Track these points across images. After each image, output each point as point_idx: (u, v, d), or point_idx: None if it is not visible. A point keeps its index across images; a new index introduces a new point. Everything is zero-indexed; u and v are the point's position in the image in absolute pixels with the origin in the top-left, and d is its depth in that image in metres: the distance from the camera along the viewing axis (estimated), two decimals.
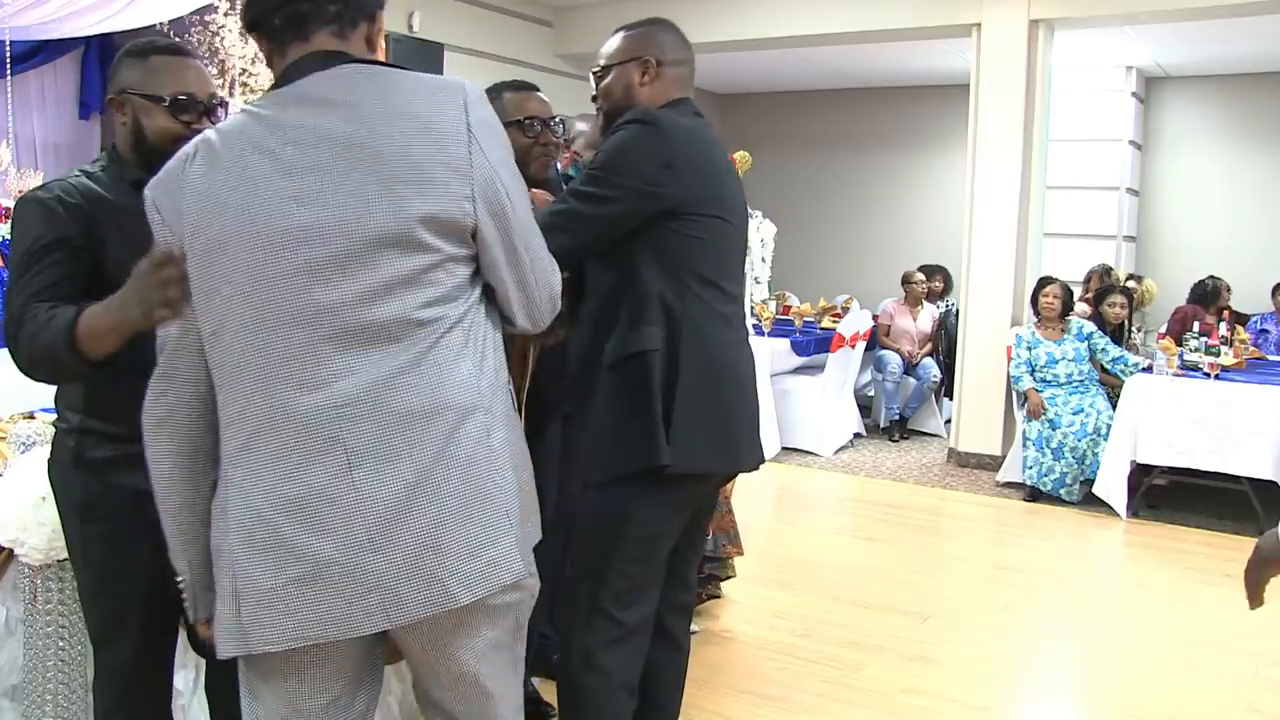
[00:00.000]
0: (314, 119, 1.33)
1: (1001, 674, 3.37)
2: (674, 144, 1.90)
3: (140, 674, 1.87)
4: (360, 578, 1.30)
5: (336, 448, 1.30)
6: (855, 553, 4.66)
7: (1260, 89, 8.07)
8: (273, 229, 1.31)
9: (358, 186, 1.30)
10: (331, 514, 1.30)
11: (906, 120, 9.30)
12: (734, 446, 2.01)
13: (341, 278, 1.30)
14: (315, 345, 1.31)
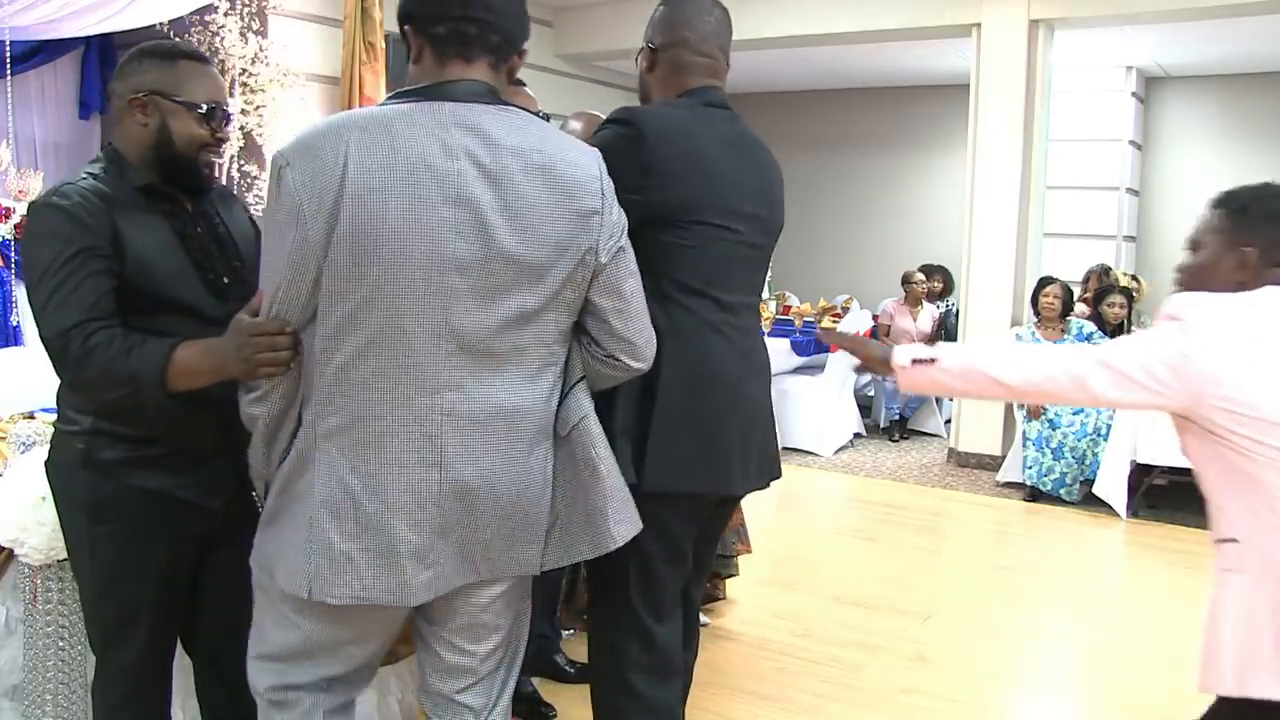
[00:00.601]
0: (480, 156, 1.43)
1: (1001, 674, 3.37)
2: (651, 148, 1.77)
3: (146, 674, 1.87)
4: (424, 556, 1.49)
5: (433, 446, 1.47)
6: (855, 553, 4.66)
7: (1260, 89, 8.06)
8: (426, 251, 1.41)
9: (507, 232, 1.44)
10: (413, 500, 1.47)
11: (906, 120, 9.30)
12: (720, 467, 1.88)
13: (476, 306, 1.45)
14: (439, 356, 1.45)
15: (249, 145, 5.11)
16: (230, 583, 1.91)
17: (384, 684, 2.51)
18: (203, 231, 1.83)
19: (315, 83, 5.55)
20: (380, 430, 1.46)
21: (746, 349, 1.95)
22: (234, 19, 5.02)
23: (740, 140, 1.93)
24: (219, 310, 1.75)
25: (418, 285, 1.42)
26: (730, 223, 1.86)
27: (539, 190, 1.46)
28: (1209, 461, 1.58)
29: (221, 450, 1.81)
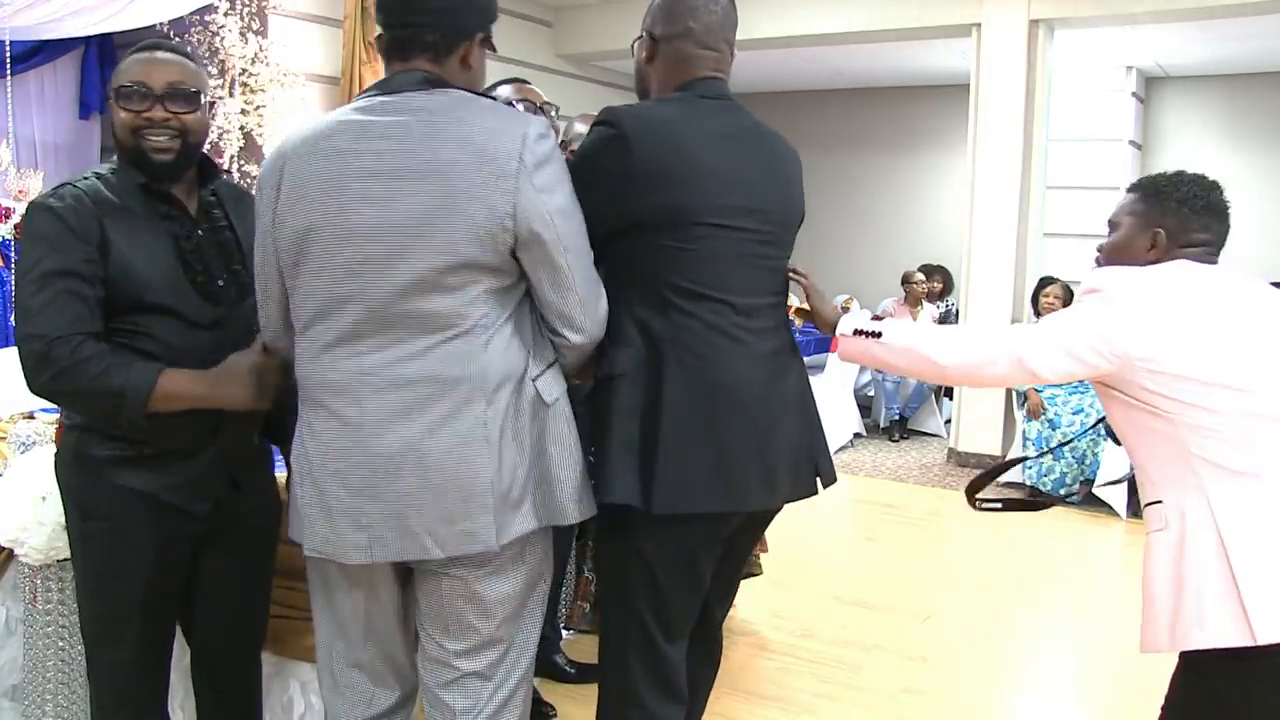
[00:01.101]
0: (397, 131, 1.54)
1: (1001, 674, 3.37)
2: (633, 148, 1.68)
3: (140, 673, 1.86)
4: (356, 516, 1.57)
5: (359, 410, 1.56)
6: (855, 553, 4.66)
7: (1260, 89, 8.06)
8: (344, 223, 1.54)
9: (416, 199, 1.52)
10: (343, 463, 1.57)
11: (906, 120, 9.30)
12: (734, 483, 1.73)
13: (386, 273, 1.53)
14: (358, 324, 1.55)
15: (249, 145, 5.11)
16: (224, 585, 1.91)
17: None
18: (203, 234, 1.81)
19: (315, 83, 5.54)
20: (322, 399, 1.59)
21: (766, 352, 1.80)
22: (234, 19, 5.02)
23: (740, 132, 1.82)
24: (208, 314, 1.76)
25: (334, 255, 1.55)
26: (731, 220, 1.75)
27: (451, 155, 1.52)
28: (1133, 427, 1.67)
29: (209, 454, 1.80)
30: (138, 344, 1.71)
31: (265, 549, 1.96)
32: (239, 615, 1.96)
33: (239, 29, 5.03)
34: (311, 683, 2.35)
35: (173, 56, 1.78)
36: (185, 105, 1.75)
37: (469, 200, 1.51)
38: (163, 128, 1.73)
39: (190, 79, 1.78)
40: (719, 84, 1.84)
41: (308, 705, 2.34)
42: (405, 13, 1.62)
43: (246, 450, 1.88)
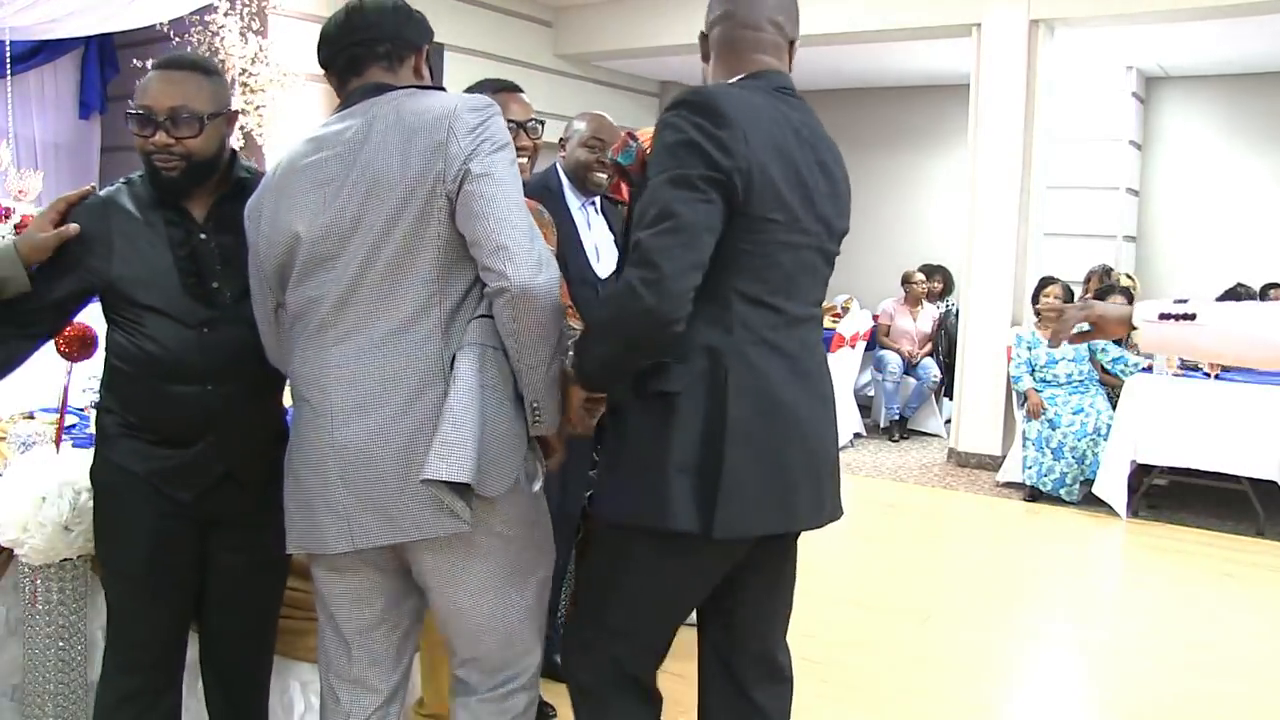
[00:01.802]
0: (340, 136, 1.65)
1: (1001, 674, 3.37)
2: (730, 124, 1.57)
3: (151, 656, 1.90)
4: (332, 506, 1.63)
5: (326, 401, 1.63)
6: (855, 553, 4.66)
7: (1260, 89, 8.06)
8: (302, 231, 1.65)
9: (350, 194, 1.61)
10: (315, 453, 1.64)
11: (906, 120, 9.30)
12: (789, 500, 1.67)
13: (334, 269, 1.63)
14: (322, 321, 1.65)
15: (249, 145, 5.11)
16: (235, 581, 1.95)
17: None
18: (205, 238, 1.84)
19: (315, 83, 5.54)
20: (300, 394, 1.70)
21: (814, 366, 1.74)
22: (234, 19, 5.02)
23: (810, 132, 1.71)
24: (198, 315, 1.82)
25: (299, 264, 1.66)
26: (808, 224, 1.67)
27: (393, 142, 1.60)
28: None
29: (200, 446, 1.84)
30: (135, 338, 1.81)
31: (279, 546, 1.96)
32: (248, 613, 1.99)
33: (239, 29, 5.03)
34: (312, 683, 2.35)
35: (182, 75, 1.80)
36: (187, 130, 1.78)
37: (410, 177, 1.57)
38: (165, 152, 1.78)
39: (195, 100, 1.79)
40: (783, 76, 1.73)
41: (308, 705, 2.34)
42: (352, 31, 1.71)
43: (251, 447, 1.90)
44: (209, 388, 1.82)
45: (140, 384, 1.82)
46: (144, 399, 1.83)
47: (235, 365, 1.84)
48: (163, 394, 1.81)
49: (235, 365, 1.84)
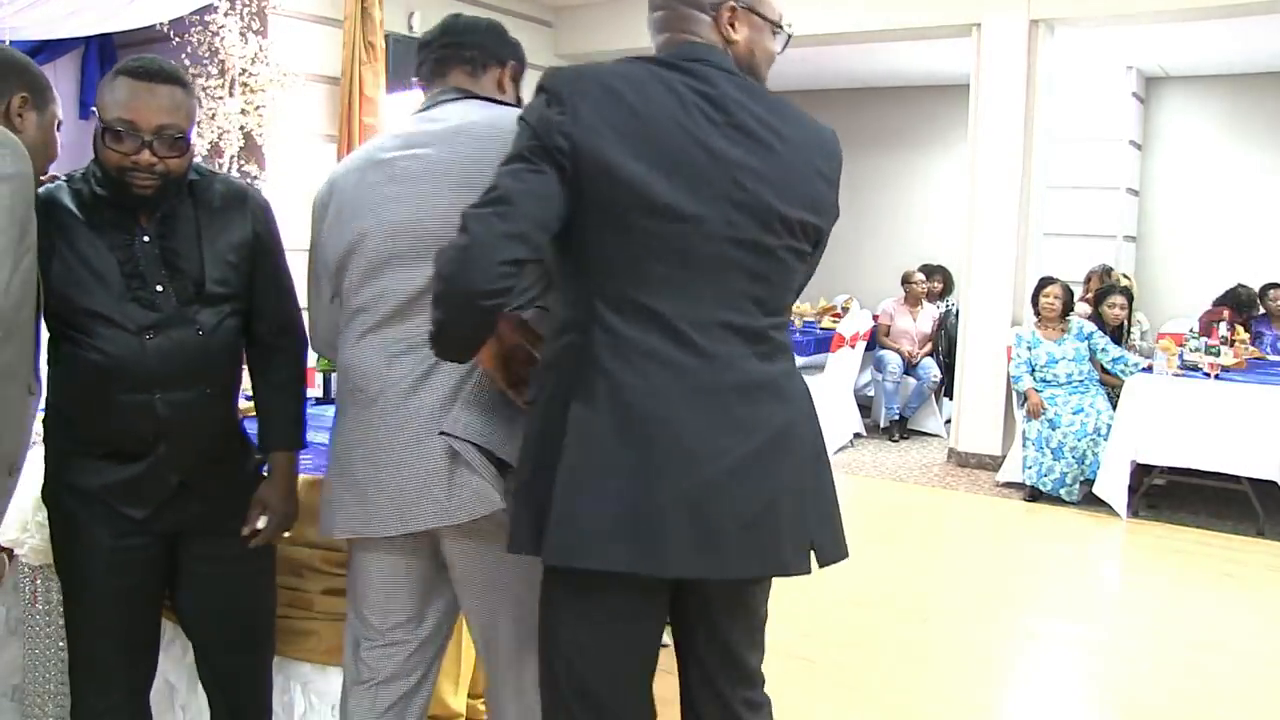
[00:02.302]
0: (420, 136, 1.71)
1: (1001, 674, 3.37)
2: (571, 110, 1.42)
3: (114, 669, 1.86)
4: (385, 491, 1.67)
5: (387, 393, 1.68)
6: (855, 553, 4.65)
7: (1260, 89, 8.06)
8: (371, 226, 1.69)
9: (426, 194, 1.67)
10: (370, 443, 1.69)
11: (906, 120, 9.30)
12: (650, 537, 1.41)
13: (410, 267, 1.66)
14: (390, 315, 1.69)
15: (249, 145, 5.11)
16: (211, 589, 1.91)
17: None
18: (148, 241, 1.77)
19: (315, 83, 5.55)
20: (352, 388, 1.75)
21: (728, 385, 1.46)
22: (234, 19, 5.02)
23: (732, 108, 1.47)
24: (142, 320, 1.74)
25: (376, 254, 1.69)
26: (707, 215, 1.44)
27: (470, 149, 1.66)
28: None
29: (149, 460, 1.79)
30: (78, 346, 1.74)
31: (252, 552, 1.94)
32: (235, 618, 1.96)
33: (239, 29, 5.03)
34: (312, 683, 2.35)
35: (167, 90, 1.73)
36: (172, 150, 1.73)
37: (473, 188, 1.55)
38: (147, 172, 1.71)
39: (181, 118, 1.74)
40: (697, 47, 1.54)
41: (308, 705, 2.34)
42: (442, 34, 1.82)
43: (205, 457, 1.85)
44: (156, 395, 1.75)
45: (86, 395, 1.75)
46: (90, 411, 1.76)
47: (183, 372, 1.77)
48: (109, 404, 1.74)
49: (183, 372, 1.77)
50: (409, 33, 6.17)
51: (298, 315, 2.00)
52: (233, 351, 1.89)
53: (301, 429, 2.00)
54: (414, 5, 6.28)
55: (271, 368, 1.97)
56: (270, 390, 1.97)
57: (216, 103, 4.96)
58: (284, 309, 1.96)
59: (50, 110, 1.78)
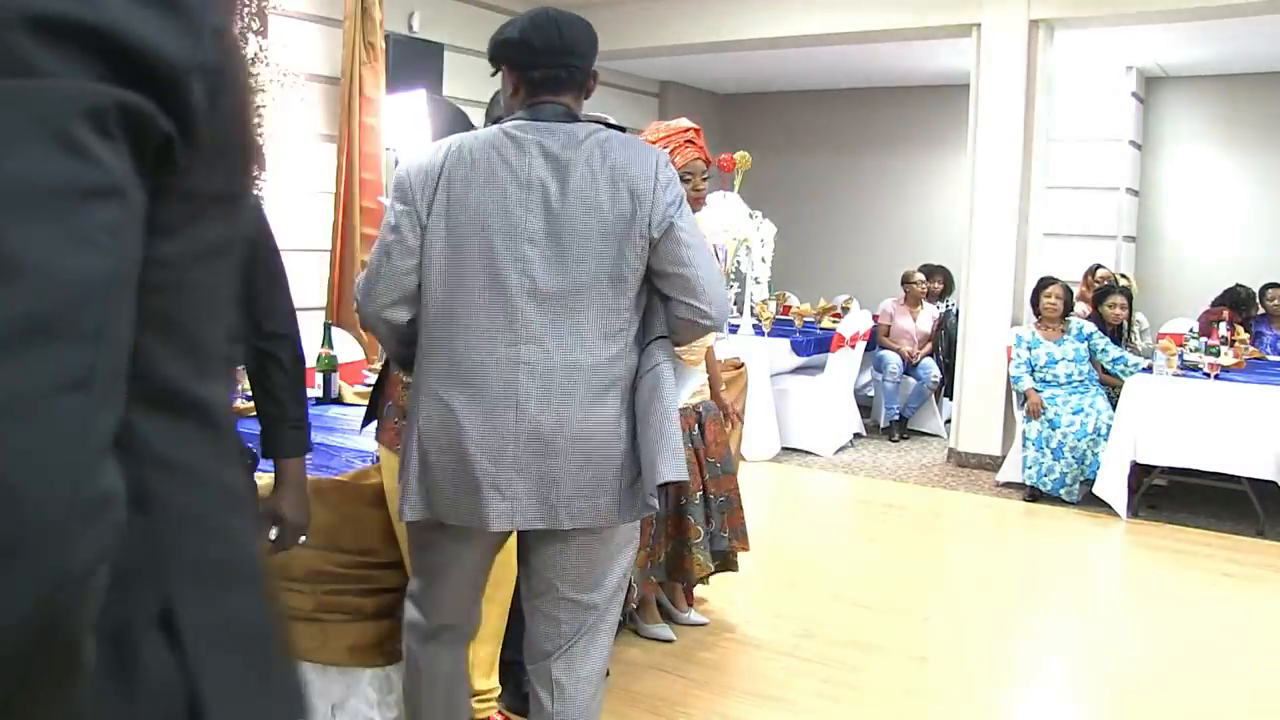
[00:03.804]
0: (550, 150, 1.86)
1: (1001, 674, 3.37)
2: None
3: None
4: (501, 489, 1.82)
5: (511, 391, 1.82)
6: (855, 553, 4.66)
7: (1260, 89, 8.06)
8: (504, 222, 1.83)
9: (552, 208, 1.84)
10: (495, 438, 1.81)
11: (906, 120, 9.30)
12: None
13: (545, 268, 1.83)
14: (518, 312, 1.82)
15: None
16: None
17: (383, 684, 2.51)
18: None
19: (315, 83, 5.55)
20: (477, 381, 1.85)
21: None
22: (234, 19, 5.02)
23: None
24: None
25: (498, 250, 1.82)
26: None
27: (603, 178, 1.84)
28: None
29: None
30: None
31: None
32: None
33: (239, 29, 5.03)
34: (312, 682, 2.35)
35: None
36: None
37: (613, 214, 1.84)
38: None
39: None
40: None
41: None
42: (565, 53, 1.89)
43: None
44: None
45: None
46: None
47: None
48: None
49: None
50: (409, 32, 6.17)
51: (294, 317, 1.96)
52: None
53: (307, 433, 1.97)
54: (414, 5, 6.28)
55: (270, 374, 1.92)
56: (271, 397, 1.93)
57: None
58: (280, 311, 1.92)
59: None
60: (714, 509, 3.34)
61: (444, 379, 1.85)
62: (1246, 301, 6.78)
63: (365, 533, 2.40)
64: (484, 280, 1.83)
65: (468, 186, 1.84)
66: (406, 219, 1.86)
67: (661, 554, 3.29)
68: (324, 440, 2.81)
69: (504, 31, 1.93)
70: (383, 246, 1.89)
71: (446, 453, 1.85)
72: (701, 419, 3.35)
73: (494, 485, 1.82)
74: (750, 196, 6.54)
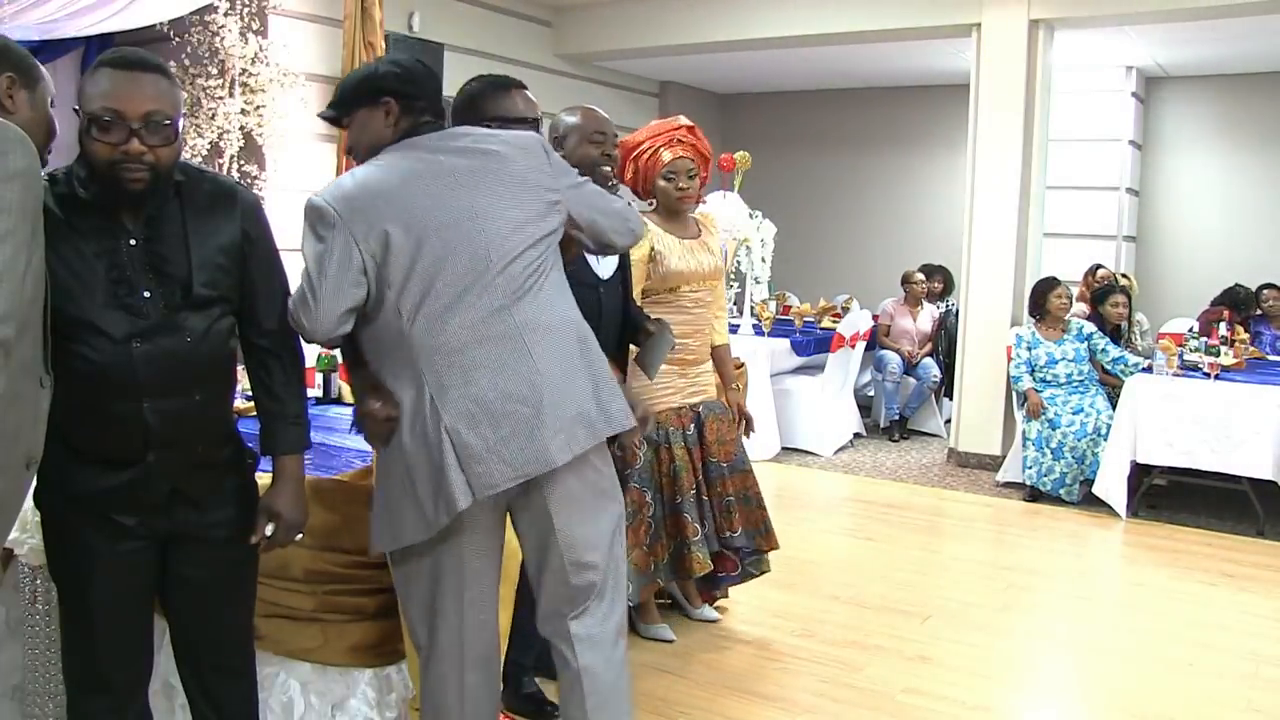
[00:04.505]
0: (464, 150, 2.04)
1: (1001, 674, 3.37)
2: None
3: (109, 670, 1.84)
4: (548, 425, 1.92)
5: (525, 351, 1.95)
6: (855, 553, 4.66)
7: (1260, 89, 8.06)
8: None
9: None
10: (529, 391, 1.92)
11: (906, 120, 9.30)
12: None
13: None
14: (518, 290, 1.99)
15: (249, 145, 5.11)
16: (197, 597, 1.89)
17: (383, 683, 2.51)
18: (137, 244, 1.73)
19: (315, 83, 5.54)
20: (488, 352, 1.97)
21: None
22: (234, 19, 5.02)
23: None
24: (129, 327, 1.71)
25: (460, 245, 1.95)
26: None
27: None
28: None
29: (141, 466, 1.76)
30: (64, 354, 1.68)
31: (237, 562, 1.93)
32: (218, 628, 1.94)
33: (239, 29, 5.03)
34: (312, 683, 2.35)
35: (149, 77, 1.70)
36: (161, 138, 1.69)
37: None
38: (137, 162, 1.67)
39: (167, 105, 1.70)
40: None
41: (308, 705, 2.34)
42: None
43: (198, 462, 1.83)
44: (145, 404, 1.71)
45: (73, 403, 1.69)
46: (78, 419, 1.71)
47: (172, 380, 1.74)
48: (97, 413, 1.71)
49: (172, 380, 1.74)
50: (409, 32, 6.17)
51: None
52: (224, 357, 1.85)
53: (306, 429, 1.97)
54: (414, 5, 6.29)
55: (270, 371, 1.92)
56: (271, 394, 1.93)
57: (216, 103, 4.96)
58: (278, 310, 1.91)
59: (40, 88, 1.76)
60: (719, 509, 3.33)
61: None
62: (1246, 301, 6.79)
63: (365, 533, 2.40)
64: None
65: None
66: None
67: (665, 555, 3.28)
68: (324, 440, 2.81)
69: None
70: None
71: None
72: (700, 418, 3.34)
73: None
74: (750, 196, 6.55)
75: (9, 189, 1.46)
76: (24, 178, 1.48)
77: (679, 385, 3.28)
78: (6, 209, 1.45)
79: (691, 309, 3.29)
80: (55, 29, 4.70)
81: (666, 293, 3.23)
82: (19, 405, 1.52)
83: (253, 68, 5.07)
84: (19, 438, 1.55)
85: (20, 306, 1.46)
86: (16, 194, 1.46)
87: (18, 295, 1.45)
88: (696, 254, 3.28)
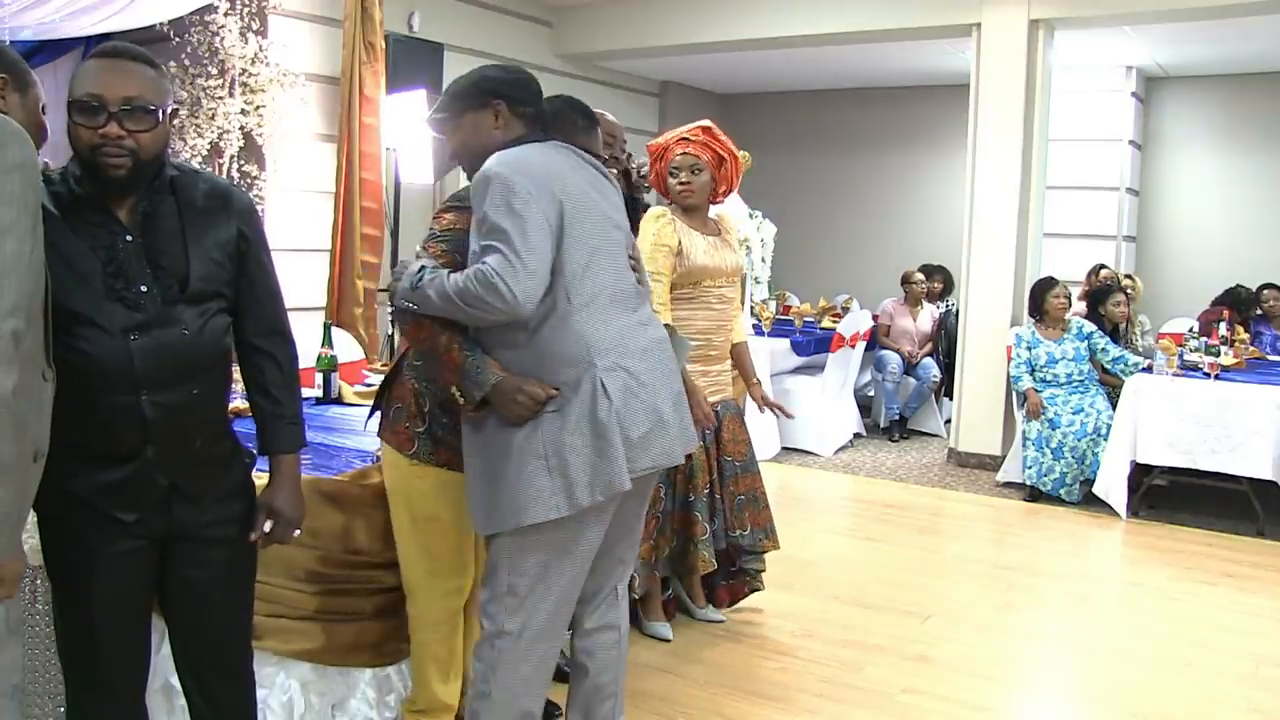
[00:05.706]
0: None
1: (1001, 674, 3.37)
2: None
3: (109, 669, 1.83)
4: (669, 426, 2.12)
5: (665, 355, 2.19)
6: (855, 553, 4.66)
7: (1260, 89, 8.06)
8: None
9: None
10: (665, 389, 2.13)
11: (906, 120, 9.29)
12: None
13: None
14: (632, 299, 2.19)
15: (249, 145, 5.11)
16: (196, 596, 1.89)
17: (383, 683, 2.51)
18: (133, 239, 1.74)
19: (315, 83, 5.54)
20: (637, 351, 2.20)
21: None
22: (234, 19, 5.01)
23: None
24: (126, 321, 1.71)
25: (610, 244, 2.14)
26: None
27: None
28: None
29: (137, 463, 1.75)
30: (65, 351, 1.68)
31: (236, 561, 1.93)
32: (217, 628, 1.93)
33: (239, 29, 5.03)
34: (312, 683, 2.35)
35: (133, 65, 1.71)
36: (141, 123, 1.69)
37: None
38: (116, 146, 1.68)
39: (149, 92, 1.71)
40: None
41: (308, 705, 2.34)
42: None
43: (195, 458, 1.82)
44: (143, 397, 1.72)
45: (71, 397, 1.68)
46: (76, 413, 1.70)
47: (170, 373, 1.74)
48: (95, 407, 1.71)
49: (170, 373, 1.74)
50: (409, 32, 6.17)
51: (285, 316, 1.97)
52: (221, 351, 1.85)
53: (302, 428, 1.97)
54: (414, 5, 6.28)
55: (265, 372, 1.93)
56: (267, 395, 1.93)
57: (216, 103, 4.96)
58: (272, 310, 1.92)
59: (32, 92, 1.78)
60: (730, 507, 3.37)
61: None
62: (1246, 301, 6.79)
63: (365, 533, 2.40)
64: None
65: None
66: None
67: (666, 548, 3.32)
68: (324, 440, 2.81)
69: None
70: None
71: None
72: (719, 417, 3.37)
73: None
74: (750, 196, 6.54)
75: (9, 181, 1.47)
76: (23, 170, 1.49)
77: (701, 384, 3.29)
78: (8, 200, 1.46)
79: (716, 305, 3.34)
80: (54, 29, 4.70)
81: (691, 286, 3.27)
82: (25, 398, 1.52)
83: (253, 68, 5.07)
84: (27, 430, 1.55)
85: (24, 297, 1.47)
86: (17, 186, 1.47)
87: (27, 287, 1.46)
88: (720, 251, 3.34)
